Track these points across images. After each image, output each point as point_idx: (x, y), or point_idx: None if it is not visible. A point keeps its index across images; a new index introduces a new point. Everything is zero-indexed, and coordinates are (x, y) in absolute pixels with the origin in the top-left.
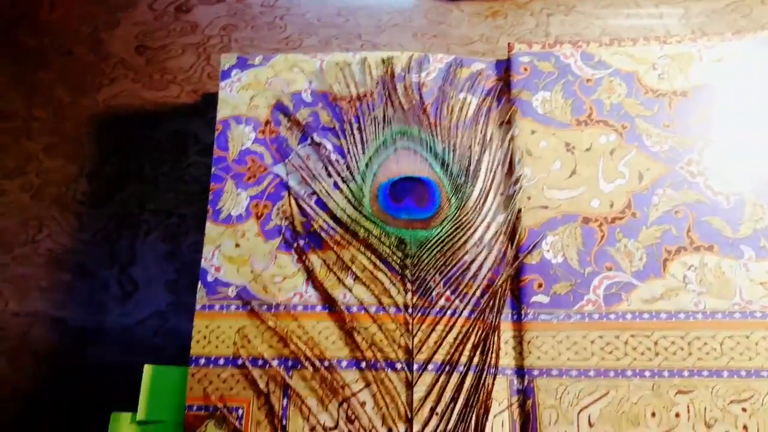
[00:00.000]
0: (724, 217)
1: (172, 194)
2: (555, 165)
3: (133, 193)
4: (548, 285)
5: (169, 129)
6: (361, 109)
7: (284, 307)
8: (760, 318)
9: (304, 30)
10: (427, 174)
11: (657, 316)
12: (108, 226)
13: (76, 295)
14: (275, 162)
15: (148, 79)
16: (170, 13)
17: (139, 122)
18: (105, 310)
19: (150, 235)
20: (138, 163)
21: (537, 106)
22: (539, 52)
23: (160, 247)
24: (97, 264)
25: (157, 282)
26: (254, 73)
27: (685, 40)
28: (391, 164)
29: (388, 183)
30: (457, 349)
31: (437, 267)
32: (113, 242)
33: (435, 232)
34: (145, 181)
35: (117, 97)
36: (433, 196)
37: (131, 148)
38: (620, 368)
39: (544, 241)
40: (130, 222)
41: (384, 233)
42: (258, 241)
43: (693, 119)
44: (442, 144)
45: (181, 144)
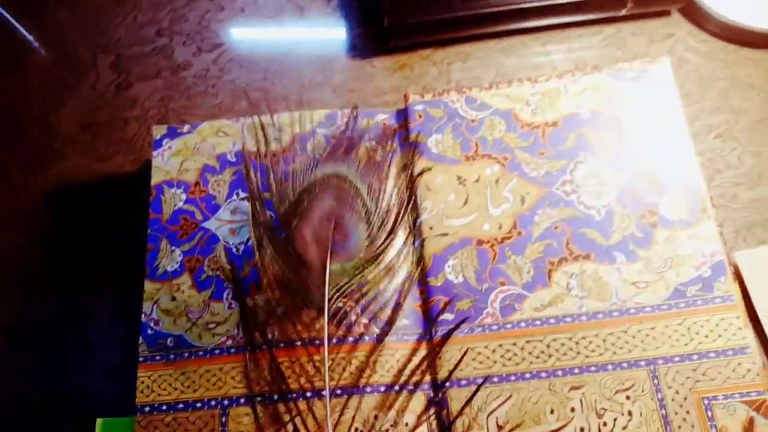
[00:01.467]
0: (597, 228)
1: (120, 257)
2: (450, 197)
3: (85, 259)
4: (453, 303)
5: (116, 197)
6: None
7: (219, 351)
8: (635, 313)
9: (235, 95)
10: (351, 212)
11: (547, 321)
12: (63, 293)
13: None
14: (205, 218)
15: (94, 153)
16: (111, 91)
17: (89, 192)
18: (64, 369)
19: (102, 298)
20: (88, 231)
21: (431, 147)
22: (431, 100)
23: (112, 308)
24: (55, 329)
25: (110, 342)
26: (183, 141)
27: (552, 77)
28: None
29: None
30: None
31: (354, 298)
32: (68, 308)
33: (352, 265)
34: (95, 247)
35: (67, 171)
36: (353, 232)
37: (81, 217)
38: (519, 372)
39: (446, 264)
40: (83, 287)
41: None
42: (192, 293)
43: (564, 145)
44: (363, 186)
45: (127, 209)
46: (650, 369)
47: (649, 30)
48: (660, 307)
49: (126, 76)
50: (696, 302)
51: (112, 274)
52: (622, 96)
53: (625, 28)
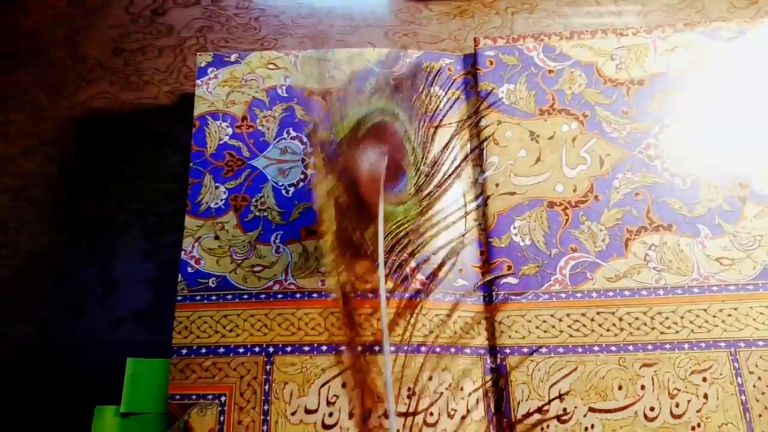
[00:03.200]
0: (681, 197)
1: (151, 193)
2: (521, 153)
3: (112, 192)
4: (517, 267)
5: (147, 129)
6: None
7: (264, 296)
8: (717, 291)
9: (278, 31)
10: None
11: (621, 293)
12: (88, 227)
13: (57, 296)
14: (252, 156)
15: (125, 81)
16: (146, 15)
17: (117, 123)
18: (86, 310)
19: (129, 234)
20: (116, 164)
21: (503, 98)
22: (503, 46)
23: (140, 246)
24: (78, 264)
25: (137, 280)
26: (230, 71)
27: (640, 32)
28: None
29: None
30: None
31: (410, 249)
32: (93, 242)
33: (404, 209)
34: (124, 180)
35: (94, 98)
36: (402, 175)
37: (109, 149)
38: (588, 344)
39: (512, 225)
40: (109, 222)
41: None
42: (237, 233)
43: (649, 106)
44: (413, 129)
45: (159, 143)
46: (731, 351)
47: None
48: (745, 286)
49: (162, 1)
50: None
51: (141, 211)
52: (716, 57)
53: None
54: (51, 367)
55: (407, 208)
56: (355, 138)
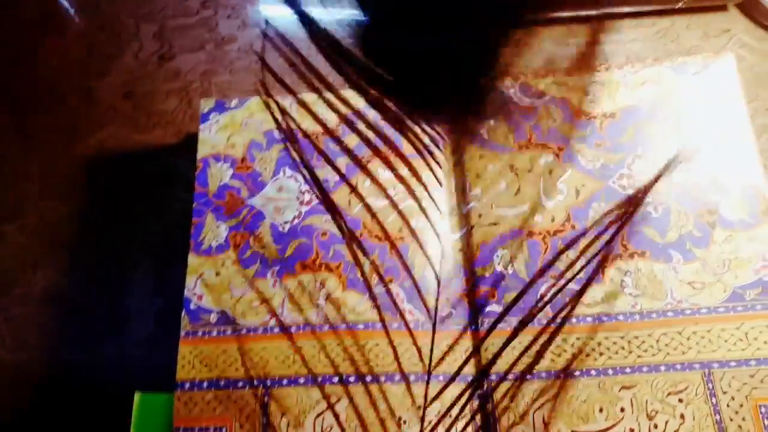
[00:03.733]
0: (654, 224)
1: (159, 229)
2: (501, 185)
3: (123, 230)
4: (501, 295)
5: (156, 168)
6: (331, 146)
7: (262, 329)
8: (690, 314)
9: (279, 72)
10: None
11: (599, 318)
12: (100, 263)
13: (70, 330)
14: (251, 195)
15: (135, 123)
16: (154, 61)
17: (128, 163)
18: (98, 342)
19: (140, 270)
20: (127, 202)
21: (483, 133)
22: None
23: (149, 281)
24: (90, 299)
25: (146, 314)
26: (231, 115)
27: (612, 68)
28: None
29: None
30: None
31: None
32: (105, 278)
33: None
34: (133, 218)
35: (106, 140)
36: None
37: (120, 188)
38: (570, 369)
39: (495, 255)
40: (121, 258)
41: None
42: (236, 269)
43: (622, 138)
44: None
45: (167, 182)
46: (705, 372)
47: (704, 24)
48: (717, 309)
49: (169, 48)
50: (755, 306)
51: (150, 246)
52: (684, 91)
53: (679, 21)
54: (63, 398)
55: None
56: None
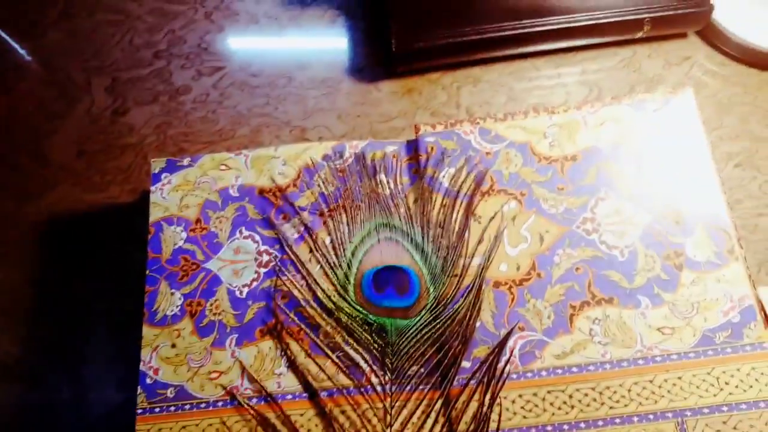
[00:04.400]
0: (620, 269)
1: (116, 292)
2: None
3: (79, 295)
4: (469, 349)
5: (111, 229)
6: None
7: (222, 403)
8: (660, 362)
9: (236, 121)
10: (408, 263)
11: (569, 370)
12: (55, 331)
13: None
14: (207, 258)
15: (88, 182)
16: (107, 116)
17: (82, 224)
18: (58, 415)
19: (97, 335)
20: (82, 266)
21: (444, 181)
22: (443, 131)
23: (108, 346)
24: (48, 370)
25: (107, 382)
26: (183, 175)
27: (570, 109)
28: (374, 254)
29: (372, 272)
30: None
31: (415, 357)
32: (62, 347)
33: (414, 322)
34: (89, 283)
35: (59, 202)
36: (413, 285)
37: (74, 251)
38: (541, 424)
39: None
40: (77, 324)
41: (366, 321)
42: (193, 339)
43: (583, 180)
44: (420, 235)
45: (123, 242)
46: (678, 421)
47: (665, 52)
48: (687, 354)
49: (122, 101)
50: (725, 350)
51: (109, 311)
52: (644, 128)
53: (640, 50)
54: None
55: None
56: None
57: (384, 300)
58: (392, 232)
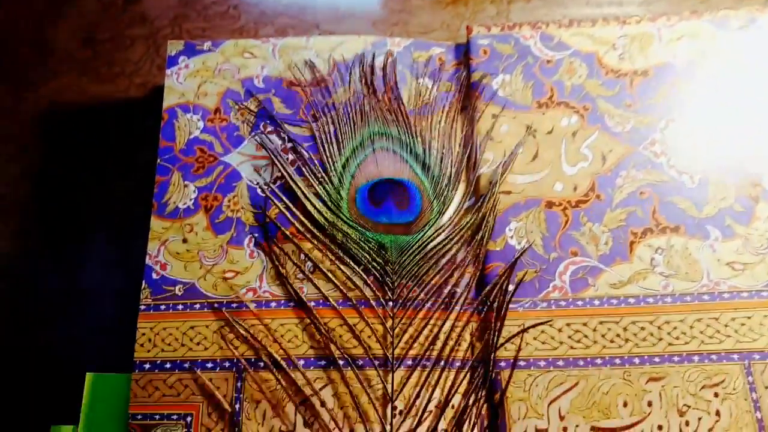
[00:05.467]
0: (689, 196)
1: (121, 193)
2: (517, 149)
3: (80, 192)
4: (513, 272)
5: (118, 124)
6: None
7: (236, 305)
8: (728, 299)
9: (259, 20)
10: (407, 176)
11: (625, 301)
12: (52, 230)
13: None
14: (226, 151)
15: (94, 73)
16: (118, 4)
17: (86, 118)
18: (51, 319)
19: (97, 239)
20: (85, 162)
21: (497, 89)
22: (498, 34)
23: (108, 251)
24: (40, 271)
25: (105, 289)
26: (203, 60)
27: (644, 20)
28: (369, 166)
29: (368, 186)
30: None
31: (419, 275)
32: (58, 247)
33: (417, 238)
34: (92, 181)
35: (62, 92)
36: (414, 200)
37: (76, 145)
38: (590, 356)
39: (508, 227)
40: (76, 225)
41: (363, 238)
42: (207, 235)
43: (654, 99)
44: (422, 145)
45: (130, 140)
46: (744, 364)
47: None
48: (760, 293)
49: None
50: None
51: (111, 215)
52: (725, 47)
53: None
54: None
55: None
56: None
57: (382, 215)
58: (390, 143)
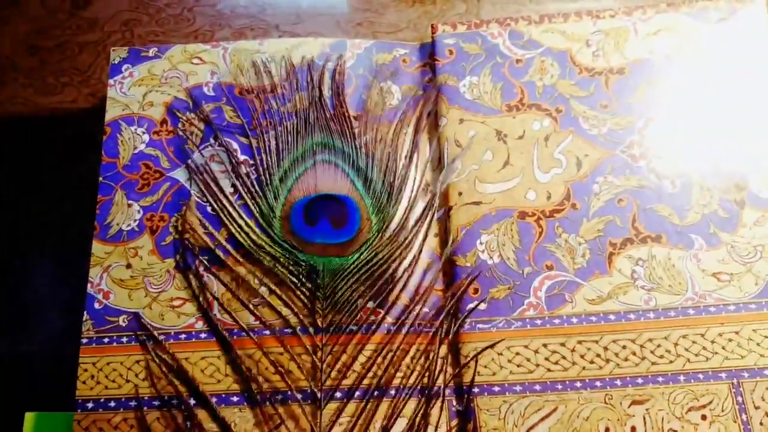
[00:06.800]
0: (670, 203)
1: (68, 207)
2: (486, 155)
3: (26, 207)
4: (485, 289)
5: (65, 137)
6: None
7: (184, 335)
8: (715, 312)
9: (215, 22)
10: (347, 192)
11: (605, 317)
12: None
13: None
14: (173, 166)
15: (41, 83)
16: (65, 9)
17: (32, 130)
18: None
19: (43, 254)
20: (29, 176)
21: (464, 92)
22: (465, 33)
23: (54, 268)
24: None
25: (50, 307)
26: (148, 67)
27: (618, 14)
28: (308, 180)
29: (303, 201)
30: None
31: (351, 301)
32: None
33: (351, 260)
34: (37, 195)
35: (6, 103)
36: (352, 217)
37: (22, 158)
38: (568, 379)
39: (479, 240)
40: (21, 240)
41: (294, 261)
42: (153, 260)
43: (631, 98)
44: (366, 158)
45: (77, 152)
46: (733, 383)
47: None
48: (747, 306)
49: None
50: None
51: (58, 229)
52: (705, 41)
53: None
54: None
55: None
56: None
57: (316, 235)
58: (332, 155)
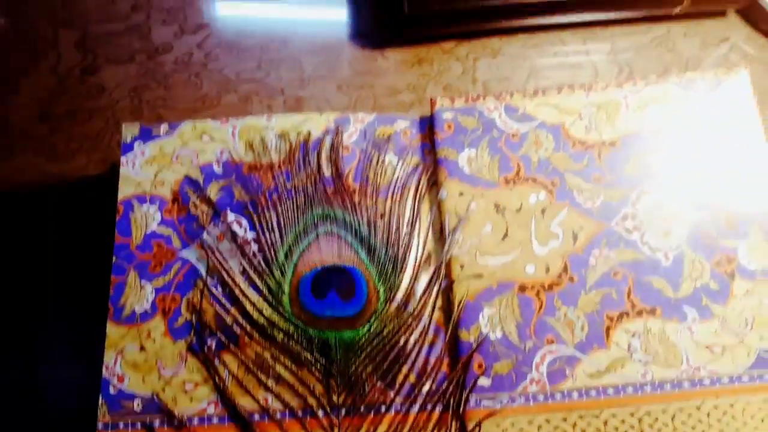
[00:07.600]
0: (664, 275)
1: (82, 281)
2: (486, 228)
3: (38, 280)
4: (489, 364)
5: (76, 205)
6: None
7: (198, 420)
8: (709, 385)
9: (222, 87)
10: (352, 262)
11: (604, 391)
12: (9, 321)
13: None
14: (184, 245)
15: (51, 151)
16: (75, 75)
17: (43, 198)
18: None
19: (57, 330)
20: (41, 246)
21: (463, 166)
22: (462, 107)
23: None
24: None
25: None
26: (159, 145)
27: (610, 86)
28: (312, 253)
29: (310, 275)
30: None
31: (367, 373)
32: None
33: (362, 332)
34: (50, 266)
35: (18, 171)
36: (359, 288)
37: (34, 228)
38: None
39: (481, 314)
40: (35, 315)
41: (306, 337)
42: (165, 342)
43: (624, 170)
44: (367, 227)
45: (89, 222)
46: None
47: (702, 32)
48: (740, 378)
49: (93, 59)
50: None
51: (71, 302)
52: (693, 112)
53: (675, 28)
54: None
55: (367, 330)
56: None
57: (325, 309)
58: (334, 225)
